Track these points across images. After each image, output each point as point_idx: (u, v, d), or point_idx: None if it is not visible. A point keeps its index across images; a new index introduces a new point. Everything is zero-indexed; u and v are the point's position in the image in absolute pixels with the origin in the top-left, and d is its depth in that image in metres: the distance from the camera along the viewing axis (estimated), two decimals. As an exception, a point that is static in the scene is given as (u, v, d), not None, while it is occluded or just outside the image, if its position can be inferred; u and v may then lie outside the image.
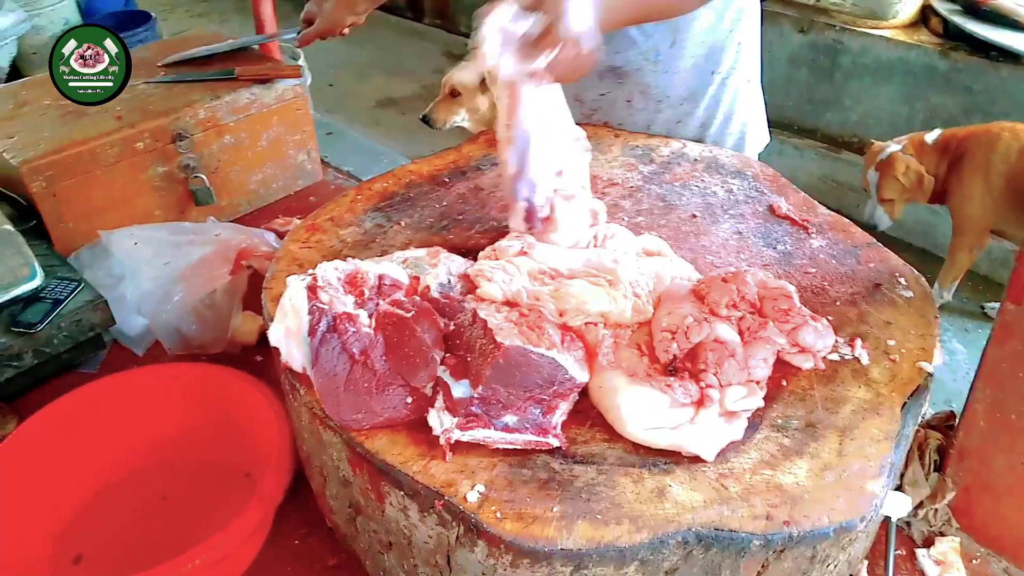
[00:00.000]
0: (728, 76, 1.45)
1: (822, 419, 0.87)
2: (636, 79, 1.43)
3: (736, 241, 1.15)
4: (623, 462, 0.82)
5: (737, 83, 1.47)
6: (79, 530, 1.09)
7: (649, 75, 1.42)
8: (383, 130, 4.38)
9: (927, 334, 0.98)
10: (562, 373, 0.84)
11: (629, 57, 1.41)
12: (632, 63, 1.41)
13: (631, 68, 1.42)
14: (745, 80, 1.49)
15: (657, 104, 1.45)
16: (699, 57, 1.41)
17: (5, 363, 1.24)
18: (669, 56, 1.40)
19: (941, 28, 3.42)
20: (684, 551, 0.76)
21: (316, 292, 0.88)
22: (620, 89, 1.45)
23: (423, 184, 1.28)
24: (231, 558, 1.01)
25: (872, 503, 0.79)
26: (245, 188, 1.78)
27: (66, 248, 1.51)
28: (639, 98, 1.45)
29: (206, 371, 1.21)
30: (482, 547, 0.76)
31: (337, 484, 0.92)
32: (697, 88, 1.44)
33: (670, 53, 1.40)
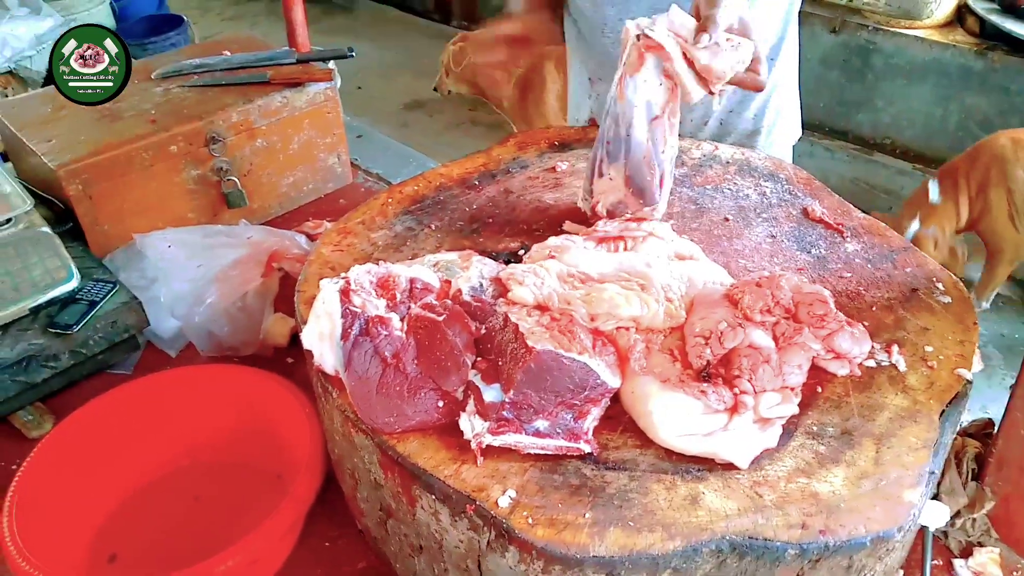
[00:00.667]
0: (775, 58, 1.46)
1: (858, 426, 0.85)
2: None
3: (769, 245, 1.14)
4: (656, 468, 0.81)
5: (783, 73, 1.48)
6: (113, 529, 1.11)
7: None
8: (410, 132, 4.40)
9: (966, 340, 0.96)
10: (594, 378, 0.84)
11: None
12: None
13: None
14: (790, 68, 1.49)
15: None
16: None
17: (42, 364, 1.26)
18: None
19: (978, 27, 3.37)
20: (718, 560, 0.75)
21: (349, 295, 0.89)
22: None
23: (453, 187, 1.28)
24: (263, 559, 1.01)
25: (910, 513, 0.77)
26: (276, 191, 1.79)
27: (101, 250, 1.54)
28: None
29: (239, 373, 1.22)
30: (513, 553, 0.76)
31: (368, 487, 0.93)
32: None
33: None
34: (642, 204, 1.10)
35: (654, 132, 1.05)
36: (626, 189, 1.10)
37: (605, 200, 1.12)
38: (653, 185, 1.09)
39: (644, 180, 1.08)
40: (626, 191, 1.10)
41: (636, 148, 1.06)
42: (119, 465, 1.14)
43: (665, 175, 1.09)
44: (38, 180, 1.55)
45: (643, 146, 1.06)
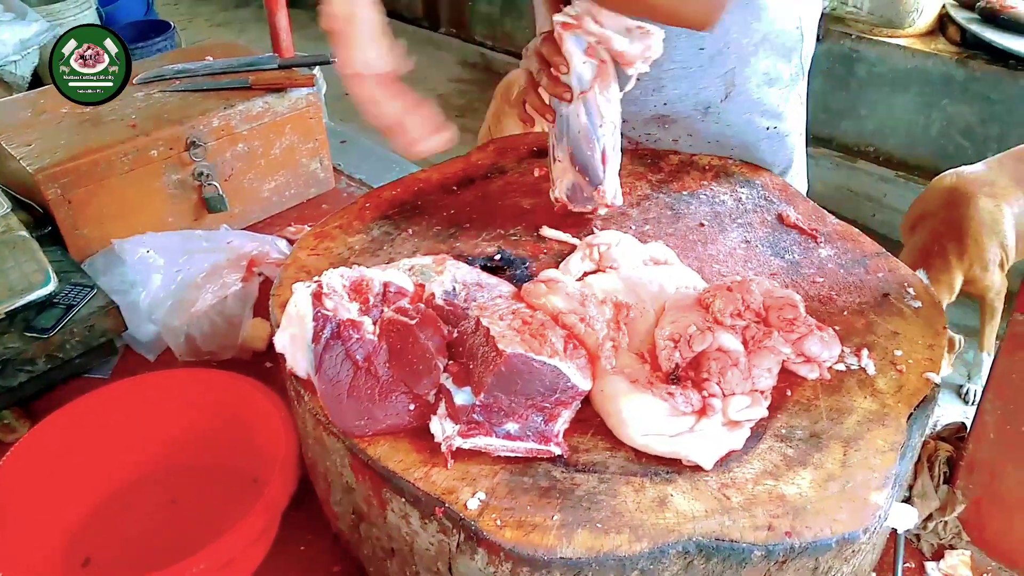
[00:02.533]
0: (788, 134, 1.39)
1: (826, 429, 0.86)
2: (684, 125, 1.36)
3: (744, 250, 1.15)
4: (625, 471, 0.81)
5: (795, 142, 1.40)
6: (88, 533, 1.10)
7: (699, 123, 1.35)
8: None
9: (935, 344, 0.97)
10: (564, 381, 0.84)
11: (677, 108, 1.34)
12: (681, 112, 1.34)
13: (680, 116, 1.35)
14: (799, 135, 1.42)
15: (706, 147, 1.38)
16: (756, 114, 1.34)
17: (18, 367, 1.26)
18: (721, 109, 1.33)
19: (959, 37, 3.41)
20: (684, 561, 0.75)
21: (321, 299, 0.89)
22: (666, 133, 1.39)
23: (432, 192, 1.28)
24: (237, 562, 1.01)
25: (876, 515, 0.78)
26: (258, 196, 1.79)
27: (81, 254, 1.54)
28: (686, 139, 1.38)
29: (215, 377, 1.21)
30: (482, 555, 0.76)
31: (341, 490, 0.93)
32: (751, 142, 1.37)
33: (722, 107, 1.33)
34: (588, 182, 1.14)
35: (588, 106, 1.09)
36: (572, 168, 1.14)
37: (561, 185, 1.17)
38: (595, 160, 1.12)
39: (585, 156, 1.13)
40: (573, 170, 1.15)
41: (572, 125, 1.11)
42: (94, 468, 1.14)
43: (607, 150, 1.13)
44: (17, 184, 1.55)
45: (578, 120, 1.10)
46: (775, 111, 1.35)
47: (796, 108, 1.39)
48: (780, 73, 1.33)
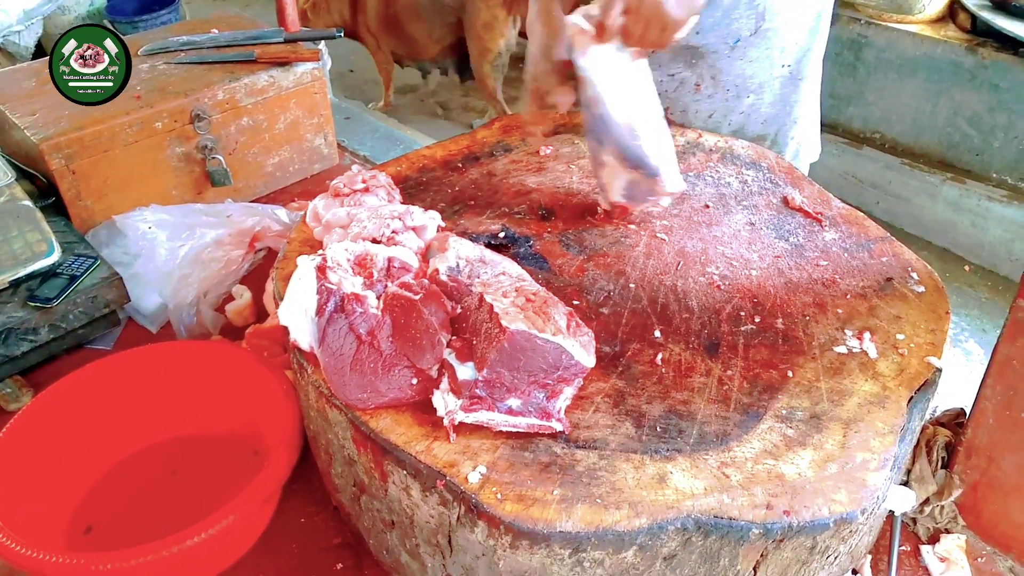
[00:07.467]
0: (802, 79, 1.43)
1: (827, 411, 0.86)
2: (710, 62, 1.39)
3: (748, 232, 1.15)
4: (625, 448, 0.82)
5: (808, 89, 1.44)
6: (91, 501, 1.11)
7: (724, 59, 1.38)
8: (401, 116, 4.39)
9: (937, 329, 0.98)
10: (567, 358, 0.84)
11: (708, 39, 1.37)
12: (710, 45, 1.37)
13: (708, 50, 1.38)
14: (814, 88, 1.46)
15: (725, 94, 1.42)
16: (776, 50, 1.38)
17: (21, 337, 1.26)
18: (749, 43, 1.37)
19: (969, 23, 3.37)
20: (683, 537, 0.76)
21: (325, 272, 0.89)
22: (692, 71, 1.41)
23: (436, 169, 1.28)
24: (238, 532, 1.02)
25: (873, 496, 0.79)
26: (262, 170, 1.79)
27: (84, 225, 1.54)
28: (709, 83, 1.41)
29: (218, 348, 1.22)
30: (482, 527, 0.77)
31: (342, 463, 0.93)
32: (767, 82, 1.41)
33: (750, 40, 1.36)
34: (644, 175, 1.07)
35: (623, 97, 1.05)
36: (623, 166, 1.08)
37: (615, 188, 1.11)
38: (643, 151, 1.06)
39: (634, 150, 1.06)
40: (624, 168, 1.08)
41: (612, 122, 1.05)
42: (97, 438, 1.14)
43: (656, 133, 1.07)
44: (21, 154, 1.55)
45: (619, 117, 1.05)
46: (795, 53, 1.40)
47: (814, 59, 1.44)
48: (806, 16, 1.37)
